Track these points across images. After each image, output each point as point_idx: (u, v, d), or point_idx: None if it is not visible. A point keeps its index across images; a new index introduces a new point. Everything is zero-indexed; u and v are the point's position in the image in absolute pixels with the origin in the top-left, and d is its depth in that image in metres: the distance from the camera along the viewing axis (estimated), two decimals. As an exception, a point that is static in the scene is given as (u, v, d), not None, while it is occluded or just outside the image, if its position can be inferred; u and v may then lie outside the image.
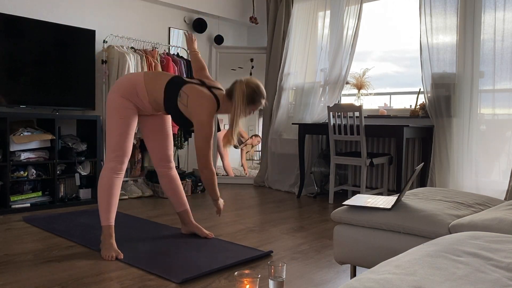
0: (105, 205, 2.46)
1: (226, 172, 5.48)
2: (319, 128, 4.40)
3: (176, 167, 4.70)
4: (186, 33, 2.95)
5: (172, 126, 3.04)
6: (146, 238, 2.77)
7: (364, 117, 4.36)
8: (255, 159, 5.56)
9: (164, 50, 4.87)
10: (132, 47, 4.43)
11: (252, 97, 2.52)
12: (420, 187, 3.39)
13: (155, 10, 4.92)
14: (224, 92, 2.61)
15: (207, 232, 2.83)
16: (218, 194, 2.66)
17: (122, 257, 2.35)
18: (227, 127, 5.51)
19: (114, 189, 2.50)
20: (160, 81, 2.53)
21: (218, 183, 5.29)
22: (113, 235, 2.46)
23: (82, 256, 2.40)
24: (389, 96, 4.71)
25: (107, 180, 2.48)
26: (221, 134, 5.47)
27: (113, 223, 2.48)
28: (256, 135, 5.55)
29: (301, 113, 4.92)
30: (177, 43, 5.13)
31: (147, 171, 4.56)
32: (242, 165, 5.54)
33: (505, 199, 3.38)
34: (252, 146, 5.54)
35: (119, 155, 2.50)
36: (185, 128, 2.76)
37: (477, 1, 3.67)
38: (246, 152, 5.56)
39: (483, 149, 3.67)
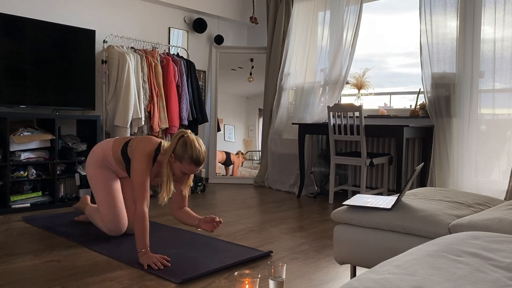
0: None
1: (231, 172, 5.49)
2: (319, 128, 4.40)
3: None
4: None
5: None
6: (146, 238, 2.77)
7: (364, 117, 4.36)
8: (255, 159, 5.56)
9: (164, 50, 4.87)
10: (132, 47, 4.43)
11: (179, 152, 2.32)
12: (420, 187, 3.39)
13: (155, 10, 4.92)
14: None
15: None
16: (146, 244, 2.28)
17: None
18: (227, 127, 5.52)
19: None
20: (123, 141, 2.64)
21: (217, 183, 5.32)
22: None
23: (82, 256, 2.40)
24: (389, 96, 4.71)
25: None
26: (235, 158, 5.47)
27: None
28: (237, 153, 5.53)
29: (301, 113, 4.92)
30: (177, 43, 5.14)
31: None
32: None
33: (505, 199, 3.38)
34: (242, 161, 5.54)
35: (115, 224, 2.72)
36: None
37: (477, 1, 3.67)
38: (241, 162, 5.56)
39: (483, 149, 3.67)
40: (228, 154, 5.47)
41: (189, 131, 2.40)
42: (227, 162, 5.47)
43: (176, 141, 2.35)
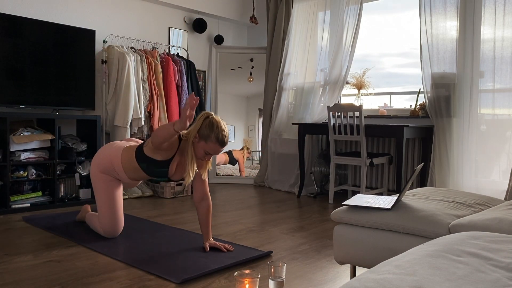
0: None
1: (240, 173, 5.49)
2: (319, 128, 4.40)
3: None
4: None
5: None
6: (146, 238, 2.77)
7: (364, 117, 4.36)
8: (255, 159, 5.56)
9: (164, 50, 4.87)
10: (132, 47, 4.43)
11: (204, 132, 2.37)
12: (420, 187, 3.39)
13: (155, 10, 4.92)
14: None
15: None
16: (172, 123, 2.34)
17: None
18: (227, 127, 5.52)
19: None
20: (134, 148, 2.62)
21: (217, 183, 5.32)
22: None
23: (82, 256, 2.40)
24: (389, 96, 4.71)
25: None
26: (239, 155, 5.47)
27: None
28: (242, 148, 5.53)
29: (301, 113, 4.92)
30: (177, 43, 5.14)
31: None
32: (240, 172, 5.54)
33: (505, 199, 3.38)
34: (247, 157, 5.54)
35: (113, 228, 2.73)
36: (161, 176, 2.67)
37: (477, 1, 3.67)
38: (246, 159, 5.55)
39: (483, 149, 3.67)
40: (230, 153, 5.47)
41: (213, 112, 2.45)
42: (232, 161, 5.47)
43: (201, 122, 2.39)
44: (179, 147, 2.50)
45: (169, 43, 5.04)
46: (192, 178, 2.44)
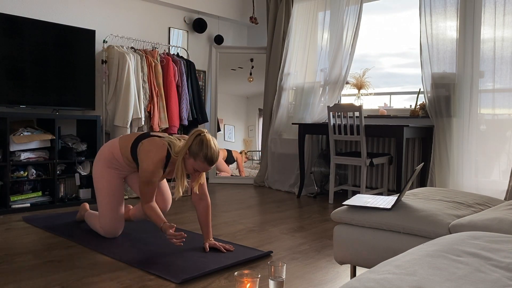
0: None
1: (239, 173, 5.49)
2: (319, 128, 4.40)
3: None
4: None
5: None
6: (146, 238, 2.77)
7: (364, 117, 4.36)
8: (255, 159, 5.56)
9: (164, 50, 4.87)
10: (132, 47, 4.43)
11: (194, 150, 2.39)
12: (420, 187, 3.39)
13: (155, 10, 4.92)
14: None
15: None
16: (162, 219, 2.45)
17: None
18: (227, 127, 5.52)
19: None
20: (131, 139, 2.66)
21: (217, 183, 5.32)
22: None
23: (82, 256, 2.40)
24: (389, 96, 4.71)
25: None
26: (237, 155, 5.48)
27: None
28: (241, 152, 5.54)
29: (301, 113, 4.92)
30: (177, 43, 5.14)
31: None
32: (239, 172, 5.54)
33: (505, 199, 3.38)
34: (246, 159, 5.55)
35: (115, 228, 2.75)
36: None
37: (477, 1, 3.67)
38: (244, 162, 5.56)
39: (483, 149, 3.67)
40: (229, 151, 5.47)
41: (205, 130, 2.47)
42: (230, 159, 5.46)
43: (192, 139, 2.42)
44: (169, 162, 2.53)
45: (169, 43, 5.04)
46: (181, 194, 2.47)
